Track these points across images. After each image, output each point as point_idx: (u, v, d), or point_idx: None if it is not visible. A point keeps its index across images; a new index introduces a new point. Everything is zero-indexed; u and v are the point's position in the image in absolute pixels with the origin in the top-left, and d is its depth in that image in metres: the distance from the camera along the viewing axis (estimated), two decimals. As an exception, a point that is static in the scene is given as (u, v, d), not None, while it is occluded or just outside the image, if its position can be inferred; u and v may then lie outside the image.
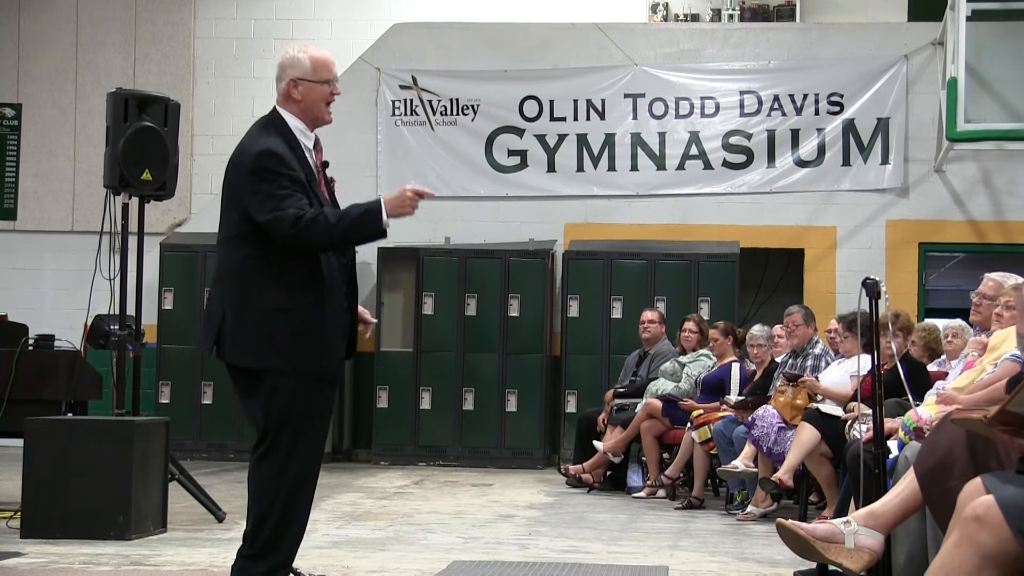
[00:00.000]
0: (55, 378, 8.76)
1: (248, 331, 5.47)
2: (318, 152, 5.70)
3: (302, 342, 5.45)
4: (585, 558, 7.39)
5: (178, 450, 10.98)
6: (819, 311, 11.58)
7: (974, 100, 13.00)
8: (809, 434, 9.01)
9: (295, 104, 5.61)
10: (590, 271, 14.30)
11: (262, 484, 5.53)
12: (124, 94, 8.66)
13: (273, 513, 5.51)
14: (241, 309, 5.48)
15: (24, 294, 15.62)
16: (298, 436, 5.49)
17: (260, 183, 5.41)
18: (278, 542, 5.53)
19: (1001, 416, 4.06)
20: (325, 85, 5.61)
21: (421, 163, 15.12)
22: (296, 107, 5.61)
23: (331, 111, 5.70)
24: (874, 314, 5.86)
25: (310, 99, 5.61)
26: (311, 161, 5.63)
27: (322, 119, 5.66)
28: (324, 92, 5.61)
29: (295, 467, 5.50)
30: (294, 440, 5.49)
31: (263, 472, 5.53)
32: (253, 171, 5.44)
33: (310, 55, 5.62)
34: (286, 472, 5.49)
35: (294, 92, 5.59)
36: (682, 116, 15.00)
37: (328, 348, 5.54)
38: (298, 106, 5.61)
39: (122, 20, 16.17)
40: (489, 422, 14.25)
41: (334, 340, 5.56)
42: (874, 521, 4.95)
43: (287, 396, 5.45)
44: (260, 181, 5.41)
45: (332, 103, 5.68)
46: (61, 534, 7.58)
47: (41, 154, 16.15)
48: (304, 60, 5.60)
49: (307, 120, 5.64)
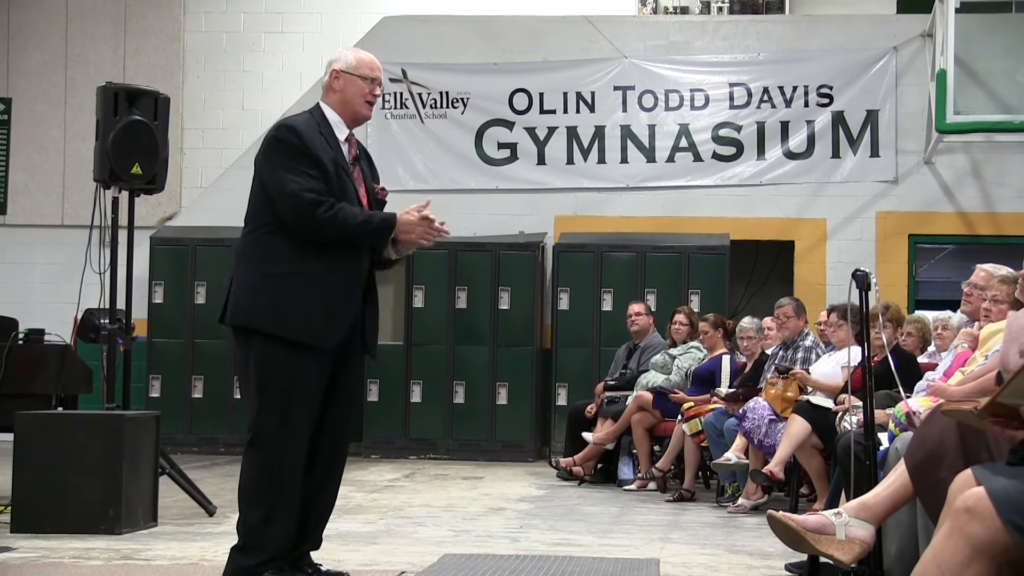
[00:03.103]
0: (45, 372, 8.74)
1: (243, 293, 5.58)
2: (351, 147, 5.77)
3: (291, 306, 5.49)
4: (576, 551, 7.39)
5: (169, 444, 10.98)
6: (809, 303, 11.59)
7: (963, 92, 13.01)
8: (800, 426, 9.02)
9: (335, 95, 5.75)
10: (580, 263, 14.30)
11: (246, 472, 5.56)
12: (114, 88, 8.64)
13: (256, 502, 5.52)
14: (241, 274, 5.60)
15: (14, 288, 15.60)
16: (282, 411, 5.49)
17: (274, 151, 5.56)
18: (264, 534, 5.52)
19: (991, 407, 4.06)
20: (366, 82, 5.73)
21: (411, 156, 15.11)
22: (335, 98, 5.75)
23: (370, 111, 5.81)
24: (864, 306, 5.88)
25: (350, 92, 5.74)
26: (344, 152, 5.71)
27: (360, 114, 5.78)
28: (364, 88, 5.74)
29: (277, 451, 5.50)
30: (278, 417, 5.49)
31: (248, 459, 5.57)
32: (270, 139, 5.62)
33: (357, 52, 5.82)
34: (270, 457, 5.50)
35: (335, 83, 5.75)
36: (672, 108, 15.01)
37: (318, 318, 5.52)
38: (337, 97, 5.75)
39: (112, 14, 16.14)
40: (480, 415, 14.25)
41: (327, 314, 5.54)
42: (865, 513, 4.96)
43: (271, 361, 5.50)
44: (274, 150, 5.57)
45: (372, 103, 5.79)
46: (51, 528, 7.56)
47: (31, 148, 16.12)
48: (350, 55, 5.78)
49: (345, 113, 5.75)
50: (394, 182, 14.80)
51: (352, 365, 5.82)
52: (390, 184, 6.18)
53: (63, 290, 14.26)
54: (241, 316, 5.58)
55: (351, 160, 5.75)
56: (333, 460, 5.79)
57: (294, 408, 5.52)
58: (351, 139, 5.79)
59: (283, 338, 5.50)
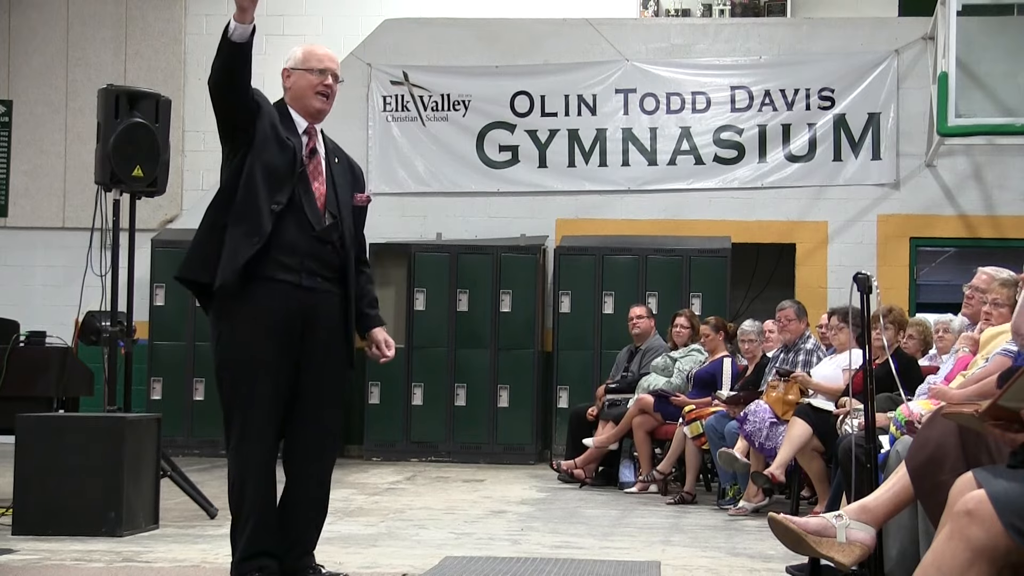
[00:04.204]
0: (46, 375, 8.74)
1: (192, 246, 5.73)
2: (310, 139, 5.76)
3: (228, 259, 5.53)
4: (577, 553, 7.39)
5: (170, 446, 11.00)
6: (810, 306, 11.59)
7: (965, 95, 13.00)
8: (801, 429, 9.03)
9: (288, 93, 5.78)
10: (581, 266, 14.30)
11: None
12: (115, 90, 8.64)
13: (231, 497, 5.57)
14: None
15: (15, 291, 15.62)
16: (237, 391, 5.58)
17: None
18: (236, 530, 5.58)
19: (992, 410, 4.06)
20: (315, 74, 5.72)
21: (412, 159, 15.11)
22: (289, 96, 5.78)
23: (326, 103, 5.77)
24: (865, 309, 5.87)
25: (298, 87, 5.76)
26: (301, 142, 5.70)
27: (312, 106, 5.75)
28: (312, 80, 5.73)
29: (234, 431, 5.61)
30: (237, 406, 5.59)
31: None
32: None
33: (305, 46, 5.84)
34: (234, 448, 5.60)
35: (286, 81, 5.79)
36: (673, 111, 15.01)
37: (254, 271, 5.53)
38: (290, 94, 5.77)
39: (113, 16, 16.15)
40: (481, 418, 14.25)
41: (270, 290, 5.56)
42: (866, 515, 4.96)
43: (221, 324, 5.61)
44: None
45: (327, 95, 5.76)
46: (52, 531, 7.56)
47: (32, 151, 16.13)
48: (298, 51, 5.81)
49: (299, 109, 5.76)
50: (395, 184, 14.84)
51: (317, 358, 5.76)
52: (391, 186, 6.21)
53: (64, 292, 14.28)
54: (182, 269, 5.82)
55: (307, 151, 5.72)
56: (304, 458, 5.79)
57: (245, 376, 5.62)
58: (311, 131, 5.77)
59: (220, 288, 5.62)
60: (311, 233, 5.62)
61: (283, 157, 5.60)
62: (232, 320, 5.57)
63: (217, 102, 5.55)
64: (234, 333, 5.58)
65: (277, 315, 5.56)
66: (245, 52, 5.39)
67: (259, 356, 5.55)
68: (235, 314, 5.56)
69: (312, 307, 5.64)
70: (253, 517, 5.54)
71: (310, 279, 5.63)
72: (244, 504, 5.55)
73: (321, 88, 5.73)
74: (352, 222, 5.83)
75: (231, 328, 5.58)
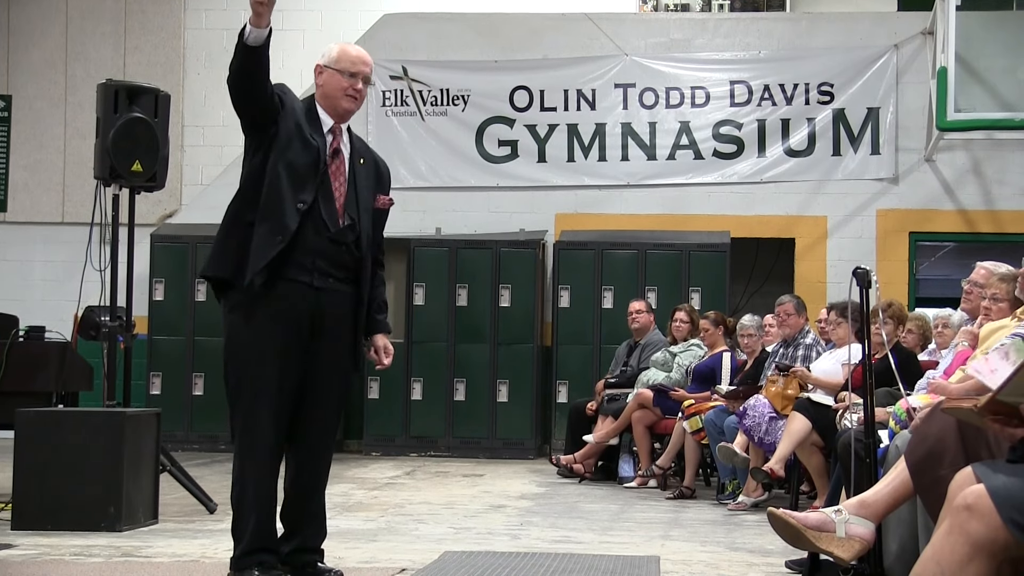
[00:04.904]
0: (45, 370, 8.74)
1: (215, 243, 5.73)
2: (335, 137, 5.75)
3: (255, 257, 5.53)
4: (576, 548, 7.39)
5: (169, 441, 10.99)
6: (810, 301, 11.58)
7: (964, 89, 13.01)
8: (800, 424, 9.02)
9: (319, 90, 5.77)
10: (581, 261, 14.30)
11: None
12: (114, 85, 8.64)
13: (232, 491, 5.59)
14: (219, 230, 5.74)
15: (14, 286, 15.62)
16: (243, 385, 5.58)
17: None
18: (237, 525, 5.58)
19: (992, 405, 4.05)
20: (346, 76, 5.70)
21: (412, 153, 15.11)
22: (319, 93, 5.77)
23: (353, 104, 5.77)
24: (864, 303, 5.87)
25: (329, 85, 5.74)
26: (326, 141, 5.69)
27: (341, 107, 5.74)
28: (343, 82, 5.71)
29: (238, 424, 5.59)
30: (243, 400, 5.58)
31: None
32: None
33: (342, 46, 5.81)
34: (237, 442, 5.60)
35: (318, 78, 5.78)
36: (672, 106, 15.01)
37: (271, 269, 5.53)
38: (320, 91, 5.76)
39: (112, 11, 16.15)
40: (480, 412, 14.25)
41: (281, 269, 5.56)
42: (865, 510, 4.96)
43: (232, 316, 5.64)
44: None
45: (356, 98, 5.75)
46: (52, 526, 7.56)
47: (31, 146, 16.13)
48: (334, 49, 5.79)
49: (328, 107, 5.75)
50: (395, 180, 14.65)
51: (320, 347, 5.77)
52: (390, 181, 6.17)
53: (63, 287, 14.30)
54: (207, 267, 5.80)
55: (331, 152, 5.72)
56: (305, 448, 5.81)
57: (252, 368, 5.64)
58: (336, 131, 5.76)
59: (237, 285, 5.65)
60: (326, 234, 5.63)
61: (307, 156, 5.60)
62: (244, 315, 5.59)
63: (236, 101, 5.55)
64: (245, 328, 5.59)
65: (288, 313, 5.57)
66: (260, 55, 5.38)
67: (267, 352, 5.56)
68: (248, 309, 5.57)
69: (323, 307, 5.65)
70: (254, 512, 5.54)
71: (322, 279, 5.63)
72: (245, 499, 5.55)
73: (351, 91, 5.72)
74: (370, 224, 5.82)
75: (243, 323, 5.59)
